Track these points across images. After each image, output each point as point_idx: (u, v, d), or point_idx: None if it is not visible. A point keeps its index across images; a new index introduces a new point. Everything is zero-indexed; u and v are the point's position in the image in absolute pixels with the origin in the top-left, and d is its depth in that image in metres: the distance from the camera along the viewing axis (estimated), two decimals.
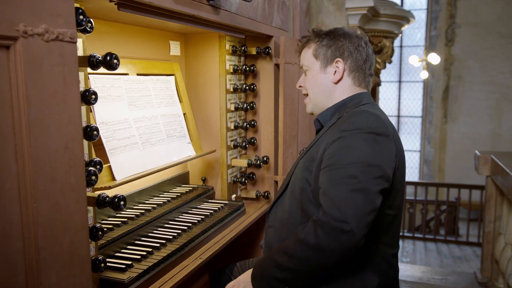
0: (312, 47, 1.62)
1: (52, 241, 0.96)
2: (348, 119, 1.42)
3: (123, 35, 1.84)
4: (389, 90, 11.44)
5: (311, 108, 1.68)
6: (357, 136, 1.34)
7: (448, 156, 10.48)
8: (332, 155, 1.36)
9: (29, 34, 0.88)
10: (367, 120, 1.38)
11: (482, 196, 6.58)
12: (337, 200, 1.27)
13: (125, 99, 1.74)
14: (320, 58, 1.60)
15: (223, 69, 2.22)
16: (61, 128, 0.97)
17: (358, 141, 1.33)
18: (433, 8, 10.50)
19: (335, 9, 4.21)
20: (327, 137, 1.45)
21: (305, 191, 1.47)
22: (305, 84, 1.67)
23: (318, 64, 1.60)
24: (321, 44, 1.60)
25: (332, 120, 1.55)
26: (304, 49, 1.67)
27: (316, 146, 1.50)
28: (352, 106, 1.53)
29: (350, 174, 1.29)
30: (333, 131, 1.43)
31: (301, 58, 1.69)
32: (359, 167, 1.29)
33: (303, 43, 1.68)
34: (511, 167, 3.04)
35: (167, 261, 1.55)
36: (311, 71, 1.63)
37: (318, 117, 1.64)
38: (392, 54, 5.06)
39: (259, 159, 2.36)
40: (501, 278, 3.42)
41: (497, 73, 9.87)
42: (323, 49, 1.59)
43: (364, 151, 1.32)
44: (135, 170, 1.67)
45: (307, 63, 1.64)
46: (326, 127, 1.54)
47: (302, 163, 1.53)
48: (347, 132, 1.36)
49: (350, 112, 1.48)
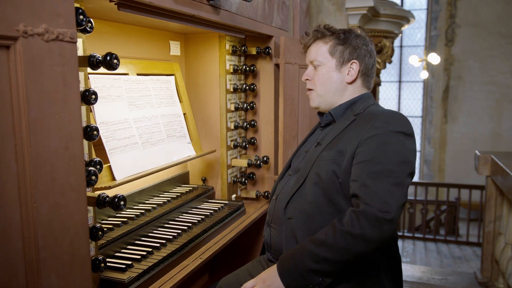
0: (329, 44, 1.64)
1: (52, 241, 0.96)
2: (377, 118, 1.49)
3: (123, 35, 1.84)
4: (389, 90, 11.45)
5: (318, 103, 1.69)
6: (392, 135, 1.44)
7: (448, 156, 10.48)
8: (370, 151, 1.42)
9: (29, 34, 0.88)
10: (400, 120, 1.48)
11: (482, 196, 6.58)
12: (381, 192, 1.35)
13: (125, 99, 1.74)
14: (336, 56, 1.63)
15: (223, 69, 2.22)
16: (61, 128, 0.97)
17: (394, 140, 1.43)
18: (433, 8, 10.50)
19: (335, 9, 4.21)
20: (355, 133, 1.50)
21: (333, 183, 1.49)
22: (314, 79, 1.67)
23: (334, 62, 1.63)
24: (338, 42, 1.62)
25: (347, 115, 1.61)
26: (316, 44, 1.67)
27: (342, 140, 1.53)
28: (362, 104, 1.61)
29: (389, 169, 1.38)
30: (362, 128, 1.49)
31: (311, 52, 1.69)
32: (397, 164, 1.40)
33: (315, 37, 1.67)
34: (511, 167, 3.04)
35: (167, 261, 1.55)
36: (324, 67, 1.64)
37: (331, 112, 1.66)
38: (392, 54, 5.06)
39: (259, 159, 2.36)
40: (501, 278, 3.42)
41: (497, 73, 9.87)
42: (340, 48, 1.62)
43: (399, 149, 1.42)
44: (135, 170, 1.67)
45: (320, 59, 1.65)
46: (341, 122, 1.60)
47: (327, 155, 1.54)
48: (381, 130, 1.45)
49: (370, 110, 1.58)
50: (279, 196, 1.66)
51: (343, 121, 1.61)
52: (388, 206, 1.33)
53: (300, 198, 1.57)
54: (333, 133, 1.60)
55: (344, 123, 1.59)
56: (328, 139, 1.59)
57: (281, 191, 1.68)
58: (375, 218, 1.32)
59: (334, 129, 1.61)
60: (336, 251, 1.34)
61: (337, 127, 1.60)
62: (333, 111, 1.66)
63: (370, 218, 1.33)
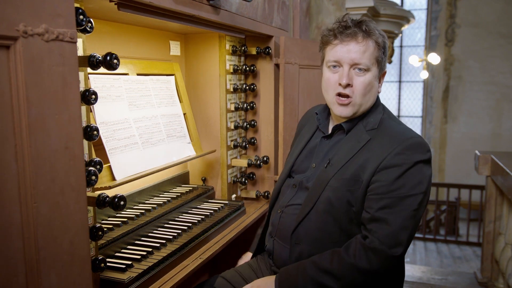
0: (376, 50, 1.45)
1: (52, 241, 0.96)
2: (397, 142, 1.37)
3: (123, 35, 1.84)
4: (389, 90, 11.45)
5: (352, 112, 1.47)
6: (413, 165, 1.34)
7: (448, 156, 10.49)
8: (388, 183, 1.34)
9: (29, 34, 0.88)
10: (422, 147, 1.38)
11: (482, 196, 6.58)
12: (395, 229, 1.31)
13: (125, 99, 1.74)
14: (380, 65, 1.47)
15: (223, 69, 2.22)
16: (61, 128, 0.97)
17: (415, 171, 1.34)
18: (433, 8, 10.51)
19: (335, 9, 4.21)
20: (372, 158, 1.38)
21: (347, 212, 1.41)
22: (356, 85, 1.44)
23: (377, 70, 1.47)
24: (382, 47, 1.46)
25: (358, 130, 1.48)
26: (366, 43, 1.43)
27: (357, 164, 1.40)
28: (374, 116, 1.49)
29: (406, 203, 1.32)
30: (379, 153, 1.37)
31: (358, 52, 1.42)
32: (416, 198, 1.33)
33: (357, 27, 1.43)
34: (511, 167, 3.04)
35: (167, 261, 1.55)
36: (369, 74, 1.45)
37: (343, 125, 1.52)
38: (392, 54, 5.07)
39: (259, 159, 2.36)
40: (501, 278, 3.42)
41: (497, 73, 9.87)
42: (382, 56, 1.47)
43: (419, 179, 1.34)
44: (135, 170, 1.67)
45: (368, 63, 1.43)
46: (353, 139, 1.47)
47: (340, 183, 1.42)
48: (402, 159, 1.34)
49: (385, 126, 1.45)
50: (285, 211, 1.57)
51: (355, 137, 1.47)
52: (400, 243, 1.31)
53: (309, 224, 1.47)
54: (345, 152, 1.45)
55: (357, 142, 1.45)
56: (340, 159, 1.46)
57: (286, 206, 1.58)
58: (385, 256, 1.30)
59: (345, 145, 1.47)
60: (341, 283, 1.33)
61: (349, 144, 1.46)
62: (345, 125, 1.51)
63: (380, 255, 1.30)
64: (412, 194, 1.33)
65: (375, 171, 1.37)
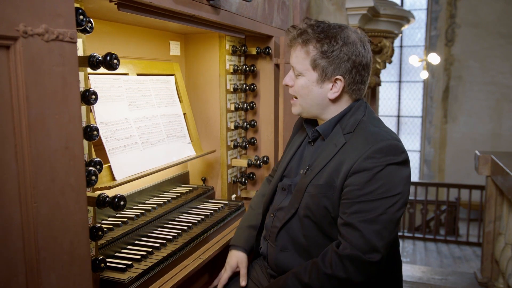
0: (311, 54, 1.42)
1: (52, 241, 0.96)
2: (368, 144, 1.33)
3: (123, 35, 1.84)
4: (389, 90, 11.45)
5: (299, 111, 1.54)
6: (384, 168, 1.30)
7: (448, 156, 10.48)
8: (359, 188, 1.31)
9: (29, 34, 0.88)
10: (391, 146, 1.33)
11: (482, 196, 6.58)
12: (366, 234, 1.26)
13: (125, 99, 1.74)
14: (318, 70, 1.43)
15: (223, 69, 2.22)
16: (61, 128, 0.97)
17: (386, 173, 1.30)
18: (433, 8, 10.50)
19: (335, 9, 4.21)
20: (345, 161, 1.36)
21: (325, 217, 1.40)
22: (296, 88, 1.50)
23: (315, 76, 1.44)
24: (320, 52, 1.41)
25: (336, 133, 1.45)
26: (298, 50, 1.46)
27: (331, 168, 1.38)
28: (352, 119, 1.45)
29: (380, 210, 1.28)
30: (351, 156, 1.34)
31: (292, 57, 1.49)
32: (389, 201, 1.29)
33: (298, 37, 1.45)
34: (511, 167, 3.04)
35: (167, 261, 1.55)
36: (304, 79, 1.46)
37: (318, 130, 1.51)
38: (392, 54, 5.06)
39: (259, 159, 2.36)
40: (501, 278, 3.42)
41: (497, 73, 9.87)
42: (323, 61, 1.41)
43: (392, 182, 1.30)
44: (135, 170, 1.67)
45: (300, 68, 1.45)
46: (330, 143, 1.45)
47: (314, 189, 1.41)
48: (371, 162, 1.30)
49: (361, 128, 1.41)
50: (277, 215, 1.58)
51: (332, 141, 1.44)
52: (375, 249, 1.26)
53: (291, 231, 1.49)
54: (323, 158, 1.44)
55: (333, 146, 1.43)
56: (317, 165, 1.44)
57: (277, 209, 1.59)
58: (361, 262, 1.26)
59: (323, 151, 1.45)
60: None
61: (327, 150, 1.44)
62: (320, 129, 1.50)
63: (355, 262, 1.26)
64: (384, 197, 1.29)
65: (347, 175, 1.34)
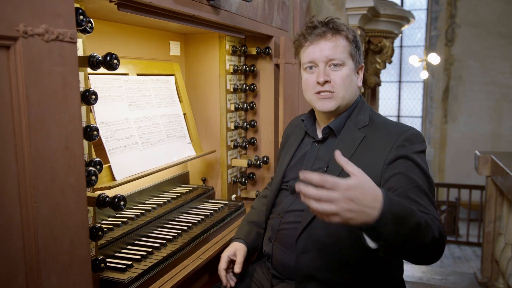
0: (348, 44, 1.49)
1: (52, 241, 0.96)
2: (393, 133, 1.40)
3: (123, 35, 1.84)
4: (389, 90, 11.45)
5: (336, 105, 1.49)
6: (417, 156, 1.37)
7: (448, 156, 10.48)
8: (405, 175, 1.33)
9: (29, 34, 0.88)
10: (416, 135, 1.41)
11: (482, 196, 6.58)
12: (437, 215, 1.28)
13: (125, 99, 1.74)
14: (355, 59, 1.50)
15: (223, 69, 2.22)
16: (61, 128, 0.97)
17: (420, 161, 1.36)
18: (433, 8, 10.50)
19: (335, 9, 4.21)
20: (374, 154, 1.38)
21: None
22: (338, 80, 1.47)
23: (353, 64, 1.50)
24: (352, 41, 1.49)
25: (349, 129, 1.48)
26: (336, 39, 1.47)
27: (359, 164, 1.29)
28: (362, 113, 1.51)
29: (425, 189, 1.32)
30: (380, 149, 1.38)
31: (329, 48, 1.47)
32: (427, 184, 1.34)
33: (335, 30, 1.48)
34: (511, 167, 3.04)
35: (167, 261, 1.55)
36: (346, 68, 1.48)
37: (331, 126, 1.52)
38: (392, 54, 5.06)
39: (259, 159, 2.36)
40: (501, 278, 3.42)
41: (497, 73, 9.87)
42: (354, 49, 1.50)
43: (425, 169, 1.37)
44: (135, 170, 1.67)
45: (342, 57, 1.47)
46: (346, 139, 1.46)
47: None
48: (404, 150, 1.36)
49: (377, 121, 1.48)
50: (286, 216, 1.54)
51: (349, 137, 1.46)
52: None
53: (316, 231, 1.43)
54: (342, 153, 1.37)
55: (352, 141, 1.44)
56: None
57: (286, 212, 1.54)
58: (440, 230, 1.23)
59: (340, 147, 1.41)
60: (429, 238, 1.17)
61: (345, 146, 1.43)
62: (333, 125, 1.51)
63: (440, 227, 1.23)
64: (424, 182, 1.33)
65: (382, 169, 1.36)
